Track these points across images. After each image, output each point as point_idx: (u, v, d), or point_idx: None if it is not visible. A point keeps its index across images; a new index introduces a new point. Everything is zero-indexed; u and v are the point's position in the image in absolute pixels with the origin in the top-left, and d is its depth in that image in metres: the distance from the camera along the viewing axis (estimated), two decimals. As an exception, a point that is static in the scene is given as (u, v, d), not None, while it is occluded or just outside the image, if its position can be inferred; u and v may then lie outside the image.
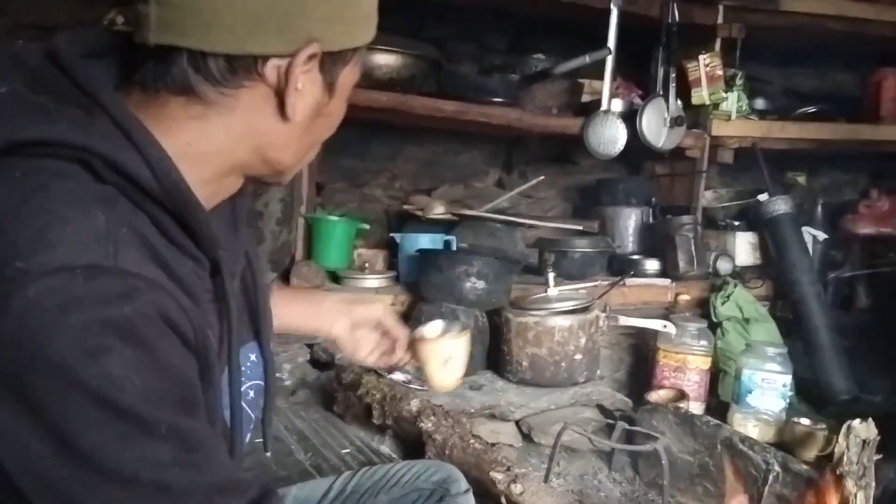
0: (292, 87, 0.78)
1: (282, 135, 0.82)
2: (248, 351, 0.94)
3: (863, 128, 2.70)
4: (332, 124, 0.87)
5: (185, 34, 0.74)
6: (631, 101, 2.49)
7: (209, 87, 0.77)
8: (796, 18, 2.54)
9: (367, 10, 0.84)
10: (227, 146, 0.80)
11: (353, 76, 0.87)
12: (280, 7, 0.76)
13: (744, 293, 2.31)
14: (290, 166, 0.87)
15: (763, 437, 1.95)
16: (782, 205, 2.41)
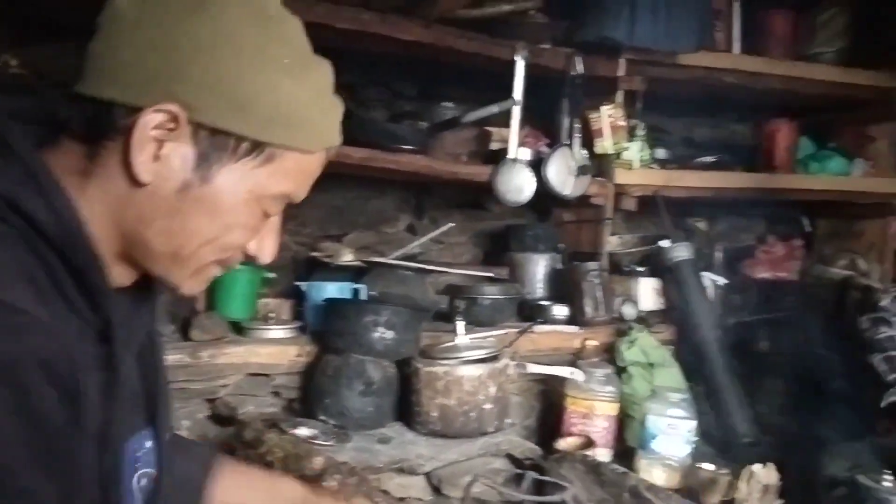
0: (137, 143, 0.74)
1: (142, 204, 0.77)
2: (143, 438, 0.89)
3: (758, 176, 2.81)
4: (224, 223, 0.80)
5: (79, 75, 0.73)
6: (539, 150, 2.53)
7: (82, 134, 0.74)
8: (694, 72, 2.64)
9: (274, 106, 0.78)
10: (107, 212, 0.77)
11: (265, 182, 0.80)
12: (151, 57, 0.73)
13: (648, 338, 2.36)
14: (166, 256, 0.80)
15: (669, 483, 1.97)
16: (683, 251, 2.48)
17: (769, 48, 2.84)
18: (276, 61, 0.78)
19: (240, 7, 0.77)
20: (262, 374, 2.09)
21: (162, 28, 0.75)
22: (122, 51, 0.74)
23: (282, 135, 0.79)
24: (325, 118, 0.84)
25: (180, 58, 0.74)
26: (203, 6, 0.76)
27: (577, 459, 1.88)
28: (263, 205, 0.83)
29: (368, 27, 2.20)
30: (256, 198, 0.82)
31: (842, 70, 2.88)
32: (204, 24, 0.75)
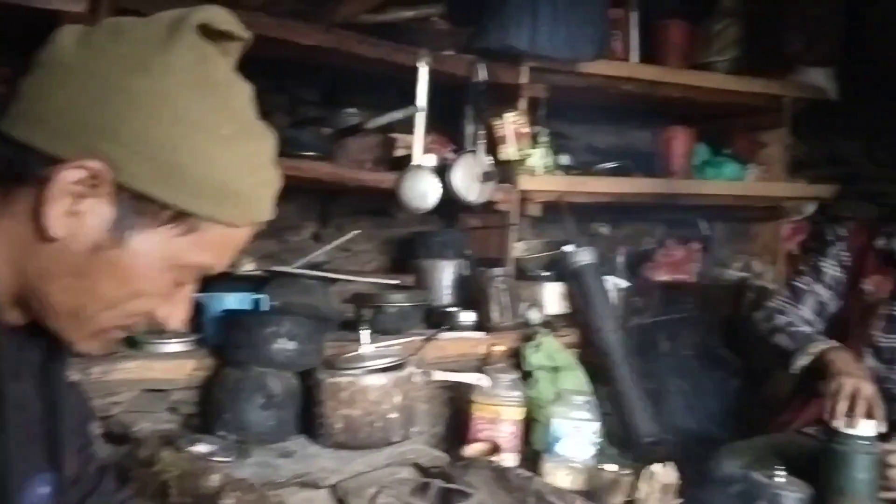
0: (52, 195, 0.70)
1: (48, 258, 0.73)
2: (40, 483, 0.83)
3: (657, 181, 2.89)
4: (133, 290, 0.77)
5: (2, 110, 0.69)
6: (444, 157, 2.53)
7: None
8: (594, 80, 2.70)
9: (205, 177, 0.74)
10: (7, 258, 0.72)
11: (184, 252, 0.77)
12: (84, 108, 0.70)
13: (553, 342, 2.38)
14: (65, 314, 0.76)
15: (573, 485, 1.99)
16: (586, 255, 2.52)
17: (666, 57, 2.92)
18: (213, 131, 0.74)
19: (184, 71, 0.73)
20: (158, 390, 2.01)
21: (101, 80, 0.71)
22: (55, 96, 0.70)
23: (209, 207, 0.75)
24: (257, 193, 0.81)
25: (114, 114, 0.70)
26: (146, 65, 0.72)
27: (483, 465, 1.88)
28: (178, 274, 0.79)
29: (266, 31, 2.15)
30: (172, 267, 0.77)
31: (735, 78, 2.99)
32: (144, 84, 0.71)
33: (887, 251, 1.99)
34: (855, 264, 2.04)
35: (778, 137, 3.16)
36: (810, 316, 2.06)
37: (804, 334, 1.97)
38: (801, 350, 1.91)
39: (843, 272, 2.06)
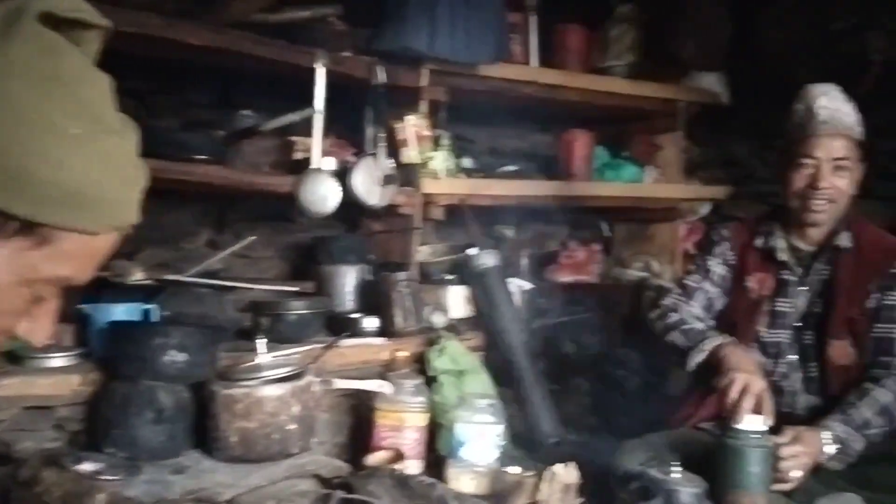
0: None
1: None
2: None
3: (557, 184, 2.92)
4: None
5: None
6: (345, 160, 2.48)
7: None
8: (494, 83, 2.70)
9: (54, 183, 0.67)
10: None
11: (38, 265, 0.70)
12: None
13: (457, 346, 2.37)
14: None
15: (478, 490, 1.98)
16: (489, 258, 2.52)
17: (565, 61, 2.96)
18: (61, 130, 0.67)
19: (25, 67, 0.66)
20: (42, 407, 1.89)
21: None
22: None
23: (61, 215, 0.68)
24: (116, 195, 0.73)
25: None
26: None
27: (386, 474, 1.84)
28: (35, 289, 0.72)
29: (154, 31, 2.07)
30: (26, 282, 0.70)
31: (631, 83, 3.06)
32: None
33: (767, 250, 2.06)
34: (738, 263, 2.11)
35: (673, 140, 3.25)
36: (700, 312, 2.11)
37: (697, 331, 2.01)
38: (696, 347, 1.95)
39: (729, 270, 2.12)
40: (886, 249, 1.99)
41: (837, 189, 1.94)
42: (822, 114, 1.93)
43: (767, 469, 1.68)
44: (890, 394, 1.87)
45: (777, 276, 2.04)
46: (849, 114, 1.96)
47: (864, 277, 1.96)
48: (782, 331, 2.02)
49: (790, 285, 2.02)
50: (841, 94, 1.98)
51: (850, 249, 1.98)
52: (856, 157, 1.97)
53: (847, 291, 1.96)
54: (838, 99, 1.96)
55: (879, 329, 1.95)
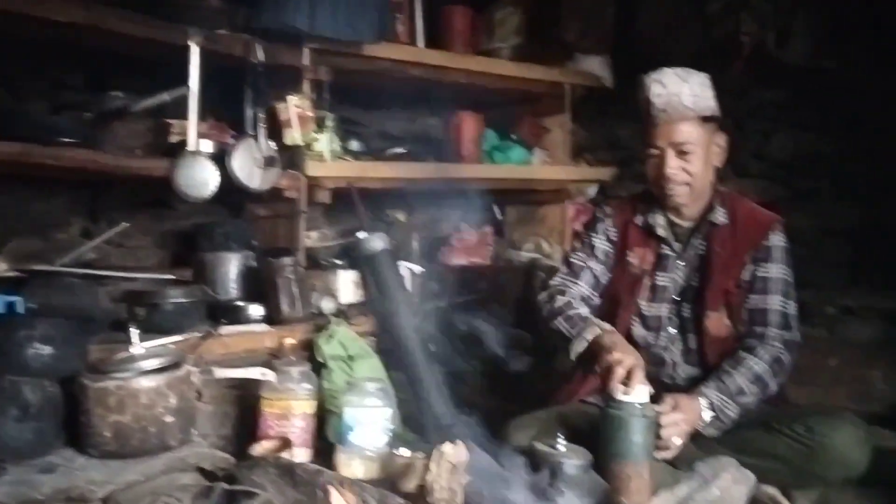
0: None
1: None
2: None
3: (448, 166, 2.91)
4: None
5: None
6: (224, 142, 2.39)
7: None
8: (379, 63, 2.66)
9: None
10: None
11: None
12: None
13: (347, 331, 2.32)
14: None
15: (368, 475, 1.94)
16: (379, 242, 2.48)
17: (451, 43, 2.95)
18: None
19: None
20: None
21: None
22: None
23: None
24: None
25: None
26: None
27: (270, 463, 1.78)
28: None
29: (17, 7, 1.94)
30: None
31: (517, 65, 3.07)
32: None
33: (646, 226, 2.11)
34: (620, 239, 2.15)
35: (560, 123, 3.29)
36: (587, 291, 2.15)
37: (581, 318, 2.04)
38: (578, 336, 1.98)
39: (611, 246, 2.17)
40: (760, 223, 2.06)
41: (687, 173, 1.98)
42: (657, 102, 1.97)
43: (649, 437, 1.71)
44: (763, 363, 1.93)
45: (657, 251, 2.09)
46: (688, 95, 1.96)
47: (739, 251, 2.02)
48: (662, 304, 2.07)
49: (669, 260, 2.08)
50: (679, 75, 1.98)
51: (724, 224, 2.04)
52: (705, 135, 1.98)
53: (722, 265, 2.01)
54: (674, 83, 1.96)
55: (753, 300, 2.02)
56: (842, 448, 1.80)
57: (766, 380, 1.92)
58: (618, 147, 3.61)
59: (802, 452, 1.83)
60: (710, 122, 1.99)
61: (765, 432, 1.89)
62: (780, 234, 2.05)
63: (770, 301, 2.00)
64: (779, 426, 1.87)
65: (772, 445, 1.87)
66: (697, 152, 1.97)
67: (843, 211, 3.08)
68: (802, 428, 1.84)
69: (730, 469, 1.55)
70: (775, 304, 2.00)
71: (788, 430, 1.85)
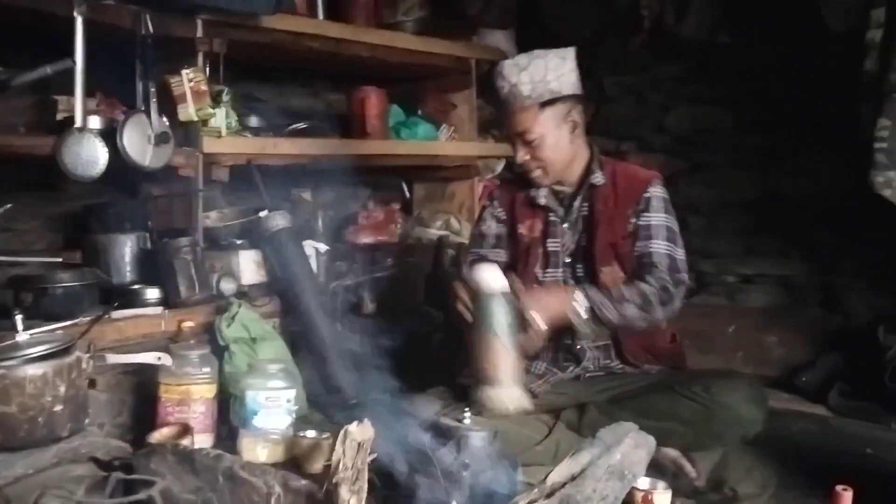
0: None
1: None
2: None
3: (353, 143, 2.86)
4: None
5: None
6: (114, 118, 2.28)
7: None
8: (277, 35, 2.58)
9: None
10: None
11: None
12: None
13: (249, 313, 2.26)
14: None
15: (273, 458, 1.91)
16: (281, 220, 2.42)
17: (353, 16, 2.88)
18: None
19: None
20: None
21: None
22: None
23: None
24: None
25: None
26: None
27: (169, 450, 1.72)
28: None
29: None
30: None
31: (421, 39, 3.03)
32: None
33: (530, 199, 2.16)
34: (510, 215, 2.21)
35: (467, 98, 3.28)
36: None
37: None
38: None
39: (502, 226, 2.23)
40: (639, 179, 2.12)
41: (538, 157, 2.05)
42: (501, 94, 2.04)
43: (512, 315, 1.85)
44: (650, 286, 1.98)
45: (544, 219, 2.15)
46: (527, 84, 2.00)
47: (621, 206, 2.08)
48: (556, 269, 2.12)
49: (555, 226, 2.13)
50: (519, 64, 2.02)
51: (604, 184, 2.10)
52: (550, 120, 2.03)
53: (606, 221, 2.07)
54: (514, 73, 2.01)
55: (639, 246, 2.06)
56: (738, 407, 1.87)
57: (651, 300, 1.96)
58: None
59: (702, 413, 1.89)
60: (557, 104, 2.04)
61: (666, 395, 1.96)
62: (658, 186, 2.10)
63: (654, 245, 2.04)
64: (679, 389, 1.94)
65: (673, 408, 1.93)
66: (543, 138, 2.04)
67: (740, 182, 3.17)
68: (701, 389, 1.90)
69: (631, 434, 1.58)
70: (660, 248, 2.04)
71: (688, 391, 1.92)
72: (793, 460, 2.04)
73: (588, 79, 3.40)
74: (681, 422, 1.91)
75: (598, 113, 3.47)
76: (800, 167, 3.03)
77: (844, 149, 2.69)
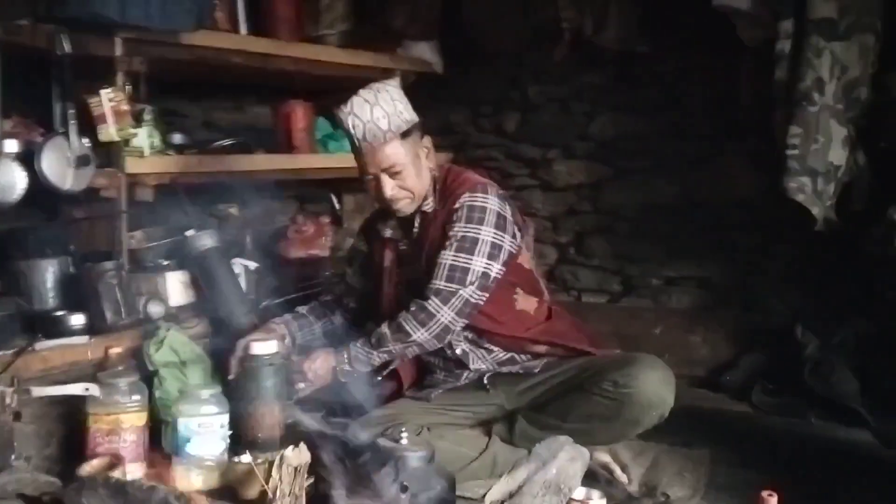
0: None
1: None
2: None
3: (279, 158, 2.84)
4: None
5: None
6: (31, 141, 2.21)
7: None
8: (199, 52, 2.54)
9: None
10: None
11: None
12: None
13: (178, 336, 2.22)
14: None
15: (208, 485, 1.89)
16: (208, 239, 2.39)
17: (276, 30, 2.86)
18: None
19: None
20: None
21: None
22: None
23: None
24: None
25: None
26: None
27: (100, 483, 1.68)
28: None
29: None
30: None
31: (346, 52, 3.03)
32: None
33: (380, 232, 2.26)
34: (370, 249, 2.33)
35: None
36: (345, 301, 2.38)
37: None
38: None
39: (364, 262, 2.35)
40: (455, 195, 2.11)
41: (405, 189, 2.08)
42: (356, 133, 2.03)
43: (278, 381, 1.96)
44: (406, 314, 2.04)
45: (396, 249, 2.24)
46: (382, 118, 2.01)
47: (444, 224, 2.10)
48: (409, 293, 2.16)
49: (405, 253, 2.23)
50: (367, 100, 2.02)
51: (432, 209, 2.15)
52: (410, 149, 2.06)
53: (432, 241, 2.12)
54: (365, 111, 2.01)
55: (438, 256, 2.07)
56: (646, 392, 1.94)
57: (405, 327, 2.03)
58: (451, 132, 3.66)
59: (616, 407, 1.96)
60: (411, 134, 2.07)
61: (580, 396, 2.02)
62: (469, 195, 2.07)
63: (442, 256, 2.05)
64: (589, 388, 2.00)
65: (589, 408, 2.00)
66: (408, 168, 2.06)
67: (661, 187, 3.26)
68: (609, 384, 1.96)
69: (566, 447, 1.62)
70: (444, 259, 2.04)
71: (598, 388, 1.98)
72: (721, 460, 2.12)
73: (514, 88, 3.52)
74: (600, 419, 1.99)
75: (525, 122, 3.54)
76: (718, 172, 3.13)
77: (760, 153, 2.81)
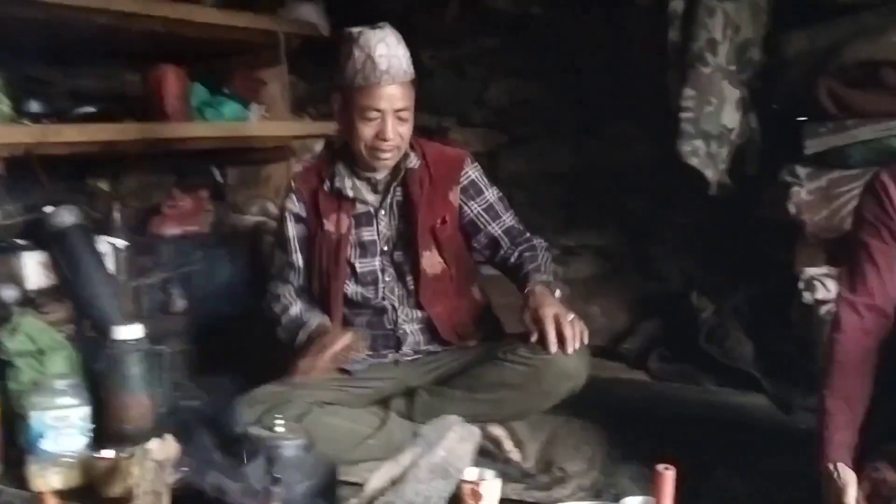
0: None
1: None
2: None
3: (150, 126, 2.62)
4: None
5: None
6: None
7: None
8: (55, 11, 2.29)
9: None
10: None
11: None
12: None
13: (35, 322, 2.03)
14: None
15: (67, 484, 1.73)
16: (68, 216, 2.19)
17: (145, -12, 2.62)
18: None
19: None
20: None
21: None
22: None
23: None
24: None
25: None
26: None
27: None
28: None
29: None
30: None
31: (222, 12, 2.83)
32: None
33: (335, 191, 2.05)
34: (312, 211, 2.08)
35: (277, 75, 3.09)
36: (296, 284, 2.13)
37: (293, 318, 2.07)
38: (297, 339, 2.03)
39: (305, 226, 2.10)
40: (452, 160, 2.10)
41: (402, 137, 1.96)
42: (381, 63, 1.88)
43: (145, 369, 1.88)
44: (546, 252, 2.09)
45: (352, 211, 2.05)
46: (405, 56, 1.93)
47: (440, 188, 2.04)
48: (373, 258, 2.06)
49: (369, 215, 2.06)
50: (395, 36, 1.93)
51: (417, 167, 2.04)
52: (413, 98, 1.98)
53: (425, 205, 2.02)
54: (394, 44, 1.91)
55: (498, 224, 2.08)
56: (563, 360, 1.85)
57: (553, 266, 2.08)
58: (340, 100, 3.49)
59: (530, 374, 1.87)
60: (413, 86, 1.98)
61: (491, 365, 1.94)
62: (472, 164, 2.11)
63: (508, 219, 2.10)
64: (503, 356, 1.92)
65: (500, 376, 1.91)
66: (411, 117, 1.97)
67: (557, 155, 3.21)
68: (525, 350, 1.88)
69: (454, 427, 1.52)
70: (511, 220, 2.10)
71: (513, 356, 1.90)
72: (618, 431, 2.07)
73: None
74: (510, 388, 1.90)
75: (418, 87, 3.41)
76: (612, 137, 3.09)
77: (654, 118, 2.77)
